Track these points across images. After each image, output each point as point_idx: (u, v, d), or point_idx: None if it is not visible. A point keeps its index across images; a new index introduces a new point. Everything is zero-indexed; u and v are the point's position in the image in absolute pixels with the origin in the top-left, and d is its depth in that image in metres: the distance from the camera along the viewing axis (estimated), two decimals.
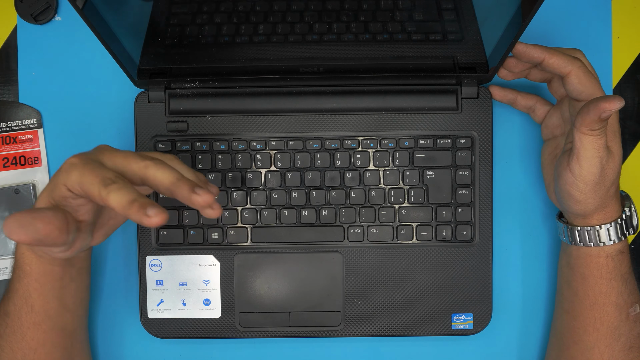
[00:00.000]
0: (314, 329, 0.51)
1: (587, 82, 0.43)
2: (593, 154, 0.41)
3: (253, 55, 0.50)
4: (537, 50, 0.44)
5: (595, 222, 0.45)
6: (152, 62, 0.49)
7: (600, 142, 0.41)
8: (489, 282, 0.51)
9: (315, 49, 0.49)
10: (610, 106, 0.39)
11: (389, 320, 0.51)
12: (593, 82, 0.43)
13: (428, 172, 0.50)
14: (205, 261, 0.51)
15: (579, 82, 0.43)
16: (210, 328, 0.51)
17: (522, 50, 0.44)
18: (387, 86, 0.51)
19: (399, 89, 0.51)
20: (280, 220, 0.51)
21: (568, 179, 0.43)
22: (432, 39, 0.49)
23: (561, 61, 0.43)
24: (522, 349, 0.53)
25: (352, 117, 0.51)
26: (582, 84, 0.43)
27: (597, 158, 0.41)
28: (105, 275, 0.53)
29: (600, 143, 0.41)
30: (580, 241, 0.45)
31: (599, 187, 0.43)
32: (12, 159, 0.53)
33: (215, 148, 0.51)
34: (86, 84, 0.53)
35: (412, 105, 0.50)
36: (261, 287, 0.51)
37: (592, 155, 0.41)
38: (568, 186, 0.43)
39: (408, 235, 0.51)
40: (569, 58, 0.43)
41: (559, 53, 0.43)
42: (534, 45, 0.44)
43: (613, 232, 0.44)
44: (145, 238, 0.51)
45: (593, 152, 0.41)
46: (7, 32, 0.53)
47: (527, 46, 0.44)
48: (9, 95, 0.53)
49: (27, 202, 0.52)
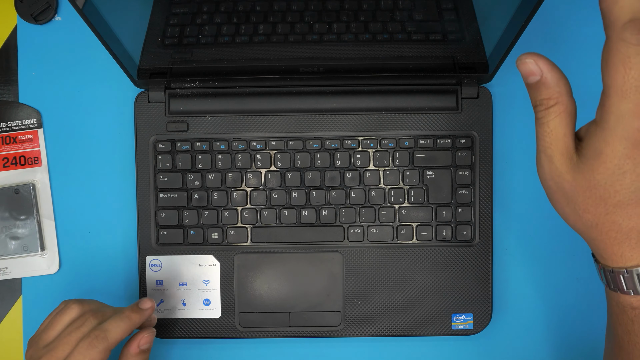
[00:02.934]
0: (314, 329, 0.51)
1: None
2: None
3: (253, 55, 0.50)
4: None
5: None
6: (152, 62, 0.49)
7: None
8: (489, 282, 0.51)
9: (315, 48, 0.49)
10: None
11: (389, 320, 0.51)
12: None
13: (428, 172, 0.50)
14: (205, 261, 0.51)
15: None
16: (210, 328, 0.51)
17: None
18: (387, 86, 0.51)
19: (399, 89, 0.51)
20: (280, 220, 0.51)
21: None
22: (432, 39, 0.49)
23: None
24: (522, 349, 0.53)
25: (352, 117, 0.51)
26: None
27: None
28: (105, 275, 0.53)
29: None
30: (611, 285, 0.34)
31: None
32: (12, 159, 0.53)
33: (215, 148, 0.51)
34: (86, 84, 0.53)
35: (412, 105, 0.50)
36: (261, 287, 0.51)
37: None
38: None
39: (408, 235, 0.51)
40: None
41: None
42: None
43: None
44: (145, 238, 0.51)
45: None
46: (7, 32, 0.53)
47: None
48: (9, 95, 0.53)
49: (27, 202, 0.52)
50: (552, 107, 0.31)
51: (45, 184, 0.52)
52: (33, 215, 0.52)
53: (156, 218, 0.51)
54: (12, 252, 0.52)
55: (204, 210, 0.51)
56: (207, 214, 0.51)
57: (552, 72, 0.30)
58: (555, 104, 0.31)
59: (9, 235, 0.52)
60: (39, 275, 0.52)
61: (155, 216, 0.51)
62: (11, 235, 0.52)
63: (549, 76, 0.30)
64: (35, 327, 0.52)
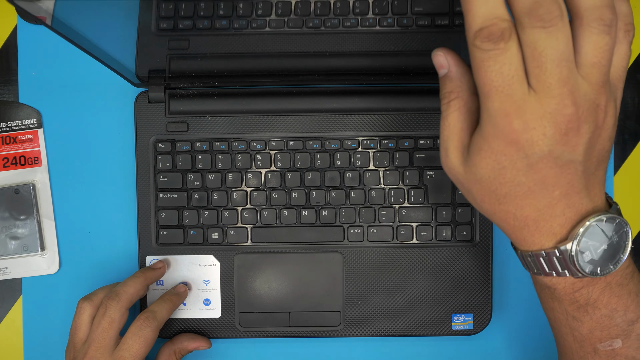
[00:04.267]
0: (314, 329, 0.51)
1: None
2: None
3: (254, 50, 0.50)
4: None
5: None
6: (150, 63, 0.49)
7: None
8: (489, 282, 0.51)
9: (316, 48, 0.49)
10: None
11: (389, 320, 0.51)
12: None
13: (428, 172, 0.50)
14: (205, 261, 0.51)
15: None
16: (210, 328, 0.51)
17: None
18: (387, 86, 0.51)
19: (399, 88, 0.51)
20: (280, 221, 0.51)
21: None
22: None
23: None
24: (522, 349, 0.53)
25: (352, 117, 0.51)
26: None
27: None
28: (105, 275, 0.53)
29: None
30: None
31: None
32: (12, 159, 0.53)
33: (215, 148, 0.51)
34: (86, 84, 0.53)
35: (412, 105, 0.50)
36: (261, 287, 0.51)
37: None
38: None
39: (408, 235, 0.51)
40: None
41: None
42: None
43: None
44: (145, 238, 0.51)
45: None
46: (7, 32, 0.53)
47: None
48: (9, 95, 0.53)
49: (27, 202, 0.52)
50: (452, 100, 0.32)
51: (45, 184, 0.52)
52: (33, 215, 0.52)
53: (156, 218, 0.51)
54: (12, 252, 0.52)
55: (204, 210, 0.51)
56: (207, 214, 0.51)
57: (457, 66, 0.32)
58: (455, 98, 0.32)
59: (9, 235, 0.52)
60: (39, 275, 0.52)
61: (155, 216, 0.51)
62: (11, 235, 0.52)
63: (454, 70, 0.31)
64: (35, 327, 0.53)
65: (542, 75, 0.28)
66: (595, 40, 0.28)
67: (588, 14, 0.27)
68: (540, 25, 0.27)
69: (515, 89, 0.28)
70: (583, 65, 0.28)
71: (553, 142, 0.29)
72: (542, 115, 0.28)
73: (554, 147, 0.29)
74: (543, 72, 0.28)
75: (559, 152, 0.29)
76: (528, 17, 0.27)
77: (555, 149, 0.29)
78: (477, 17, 0.27)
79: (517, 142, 0.29)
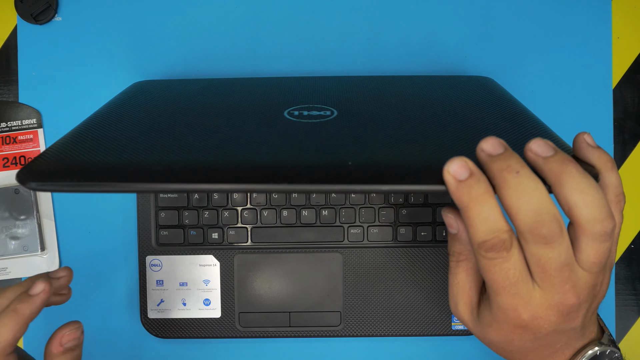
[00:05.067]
0: (314, 329, 0.51)
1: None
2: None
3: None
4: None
5: None
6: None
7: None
8: None
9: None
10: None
11: (389, 320, 0.51)
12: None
13: None
14: (205, 261, 0.51)
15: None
16: (210, 328, 0.51)
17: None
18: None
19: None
20: (280, 220, 0.51)
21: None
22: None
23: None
24: None
25: None
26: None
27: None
28: (105, 275, 0.53)
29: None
30: None
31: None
32: (12, 159, 0.53)
33: None
34: (86, 84, 0.53)
35: None
36: (261, 287, 0.51)
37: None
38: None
39: (408, 235, 0.51)
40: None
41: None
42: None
43: None
44: (145, 238, 0.51)
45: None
46: (7, 32, 0.53)
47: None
48: (9, 95, 0.53)
49: (27, 202, 0.52)
50: (461, 261, 0.34)
51: None
52: (33, 215, 0.52)
53: (156, 218, 0.51)
54: (12, 252, 0.52)
55: (204, 210, 0.51)
56: (207, 214, 0.51)
57: (467, 231, 0.34)
58: (464, 259, 0.34)
59: (9, 235, 0.52)
60: None
61: (155, 216, 0.51)
62: (11, 235, 0.52)
63: (464, 235, 0.34)
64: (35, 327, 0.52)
65: (546, 278, 0.30)
66: (597, 247, 0.30)
67: (590, 226, 0.29)
68: (542, 242, 0.29)
69: (520, 288, 0.30)
70: (584, 262, 0.30)
71: (557, 323, 0.32)
72: (548, 307, 0.31)
73: (558, 326, 0.32)
74: (547, 276, 0.30)
75: (562, 327, 0.32)
76: (531, 234, 0.29)
77: (559, 327, 0.32)
78: (479, 232, 0.29)
79: (525, 327, 0.32)
